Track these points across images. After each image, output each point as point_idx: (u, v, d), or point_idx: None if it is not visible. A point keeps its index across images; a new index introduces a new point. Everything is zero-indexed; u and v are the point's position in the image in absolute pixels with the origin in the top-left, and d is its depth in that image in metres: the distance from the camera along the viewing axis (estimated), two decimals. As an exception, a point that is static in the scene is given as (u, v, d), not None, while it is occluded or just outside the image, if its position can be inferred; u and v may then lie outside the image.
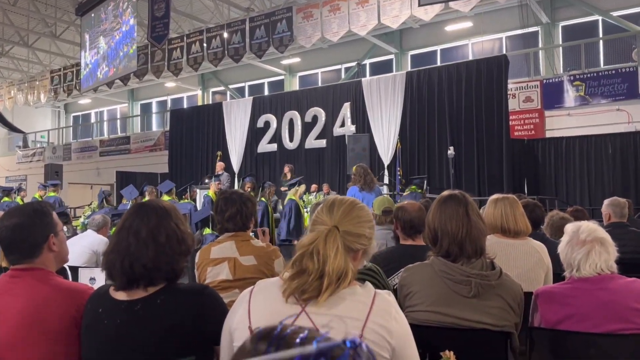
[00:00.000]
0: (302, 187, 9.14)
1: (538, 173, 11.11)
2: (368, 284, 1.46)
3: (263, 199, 8.84)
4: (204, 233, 7.27)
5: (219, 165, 12.39)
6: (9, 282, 1.76)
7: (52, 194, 11.37)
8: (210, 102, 19.28)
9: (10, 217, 1.78)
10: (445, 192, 2.18)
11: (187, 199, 10.65)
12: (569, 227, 2.15)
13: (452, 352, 1.88)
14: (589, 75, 11.90)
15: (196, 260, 2.79)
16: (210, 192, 9.31)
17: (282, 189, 10.41)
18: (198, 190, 11.01)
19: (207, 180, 12.20)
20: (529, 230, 2.93)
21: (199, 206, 9.98)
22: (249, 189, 9.15)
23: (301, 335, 0.75)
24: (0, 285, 1.78)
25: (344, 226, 1.45)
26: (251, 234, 2.92)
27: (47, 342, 1.66)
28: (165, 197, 9.51)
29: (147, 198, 9.29)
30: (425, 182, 8.85)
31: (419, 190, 9.06)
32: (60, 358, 1.63)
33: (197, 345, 1.55)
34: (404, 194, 9.21)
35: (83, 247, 4.58)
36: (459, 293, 2.00)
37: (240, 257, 2.63)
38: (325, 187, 11.80)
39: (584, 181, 11.13)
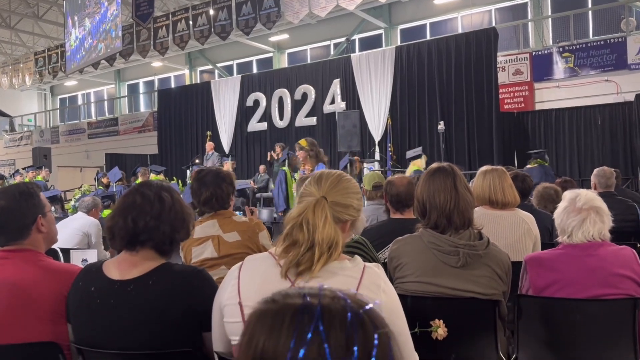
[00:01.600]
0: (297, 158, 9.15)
1: (528, 145, 11.14)
2: (357, 258, 1.48)
3: (284, 168, 8.80)
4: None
5: (209, 145, 12.34)
6: None
7: (39, 178, 11.29)
8: (199, 82, 19.06)
9: None
10: (434, 165, 2.20)
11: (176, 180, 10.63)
12: (567, 194, 2.18)
13: (441, 321, 1.91)
14: (578, 46, 11.87)
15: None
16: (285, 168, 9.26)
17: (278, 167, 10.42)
18: (187, 172, 10.94)
19: (197, 161, 12.15)
20: (517, 202, 2.96)
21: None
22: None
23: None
24: (-11, 266, 1.78)
25: (332, 197, 1.46)
26: (239, 213, 2.90)
27: (37, 323, 1.67)
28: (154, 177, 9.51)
29: (139, 180, 9.26)
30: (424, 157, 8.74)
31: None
32: (50, 338, 1.64)
33: (190, 327, 1.55)
34: (407, 173, 9.18)
35: (74, 229, 4.57)
36: (447, 263, 2.03)
37: (224, 235, 2.60)
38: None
39: (574, 152, 11.20)
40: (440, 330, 1.89)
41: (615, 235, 2.22)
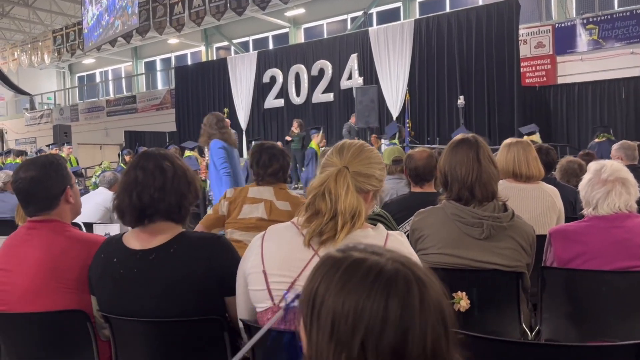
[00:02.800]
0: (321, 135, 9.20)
1: (550, 120, 10.95)
2: (380, 226, 1.47)
3: (313, 145, 8.80)
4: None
5: (227, 122, 12.31)
6: (27, 234, 1.80)
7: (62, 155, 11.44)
8: (215, 58, 19.00)
9: (27, 170, 1.80)
10: (458, 136, 2.16)
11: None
12: (592, 166, 2.13)
13: (464, 293, 1.90)
14: (602, 18, 11.51)
15: (228, 194, 2.90)
16: (314, 144, 9.32)
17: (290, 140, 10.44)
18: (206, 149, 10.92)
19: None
20: (541, 175, 2.90)
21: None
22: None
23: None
24: (19, 237, 1.82)
25: (354, 167, 1.45)
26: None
27: (64, 291, 1.70)
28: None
29: None
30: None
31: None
32: (76, 306, 1.67)
33: (212, 292, 1.57)
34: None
35: (97, 204, 4.63)
36: (470, 235, 2.00)
37: (277, 202, 2.77)
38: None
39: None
40: (462, 302, 1.88)
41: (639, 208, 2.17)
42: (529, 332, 2.05)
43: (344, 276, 0.77)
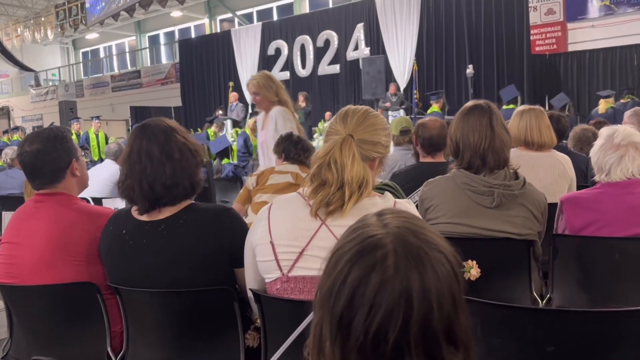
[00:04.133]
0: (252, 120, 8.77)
1: (560, 89, 10.76)
2: (387, 194, 1.45)
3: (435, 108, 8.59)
4: (223, 163, 7.34)
5: (233, 95, 12.21)
6: (34, 207, 1.79)
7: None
8: (219, 31, 18.77)
9: (32, 143, 1.78)
10: (470, 102, 2.11)
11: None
12: (604, 131, 2.08)
13: (474, 262, 1.89)
14: (615, -18, 11.21)
15: (254, 173, 3.23)
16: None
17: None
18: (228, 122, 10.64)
19: (220, 112, 12.10)
20: (554, 143, 2.86)
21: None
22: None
23: None
24: (26, 210, 1.82)
25: (358, 134, 1.42)
26: None
27: (72, 264, 1.70)
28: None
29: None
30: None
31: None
32: (85, 278, 1.68)
33: (221, 263, 1.57)
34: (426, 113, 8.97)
35: (104, 179, 4.63)
36: (481, 204, 1.97)
37: (302, 173, 2.96)
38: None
39: (608, 95, 10.79)
40: (473, 270, 1.87)
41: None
42: (539, 300, 2.03)
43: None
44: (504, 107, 7.97)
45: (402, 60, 11.98)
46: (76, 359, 1.70)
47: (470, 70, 9.59)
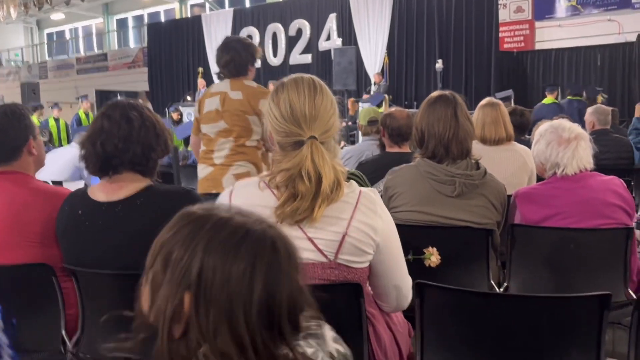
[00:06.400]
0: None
1: (526, 86, 11.02)
2: (353, 183, 1.41)
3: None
4: (189, 149, 7.20)
5: (201, 82, 12.05)
6: None
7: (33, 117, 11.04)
8: (189, 16, 18.40)
9: None
10: (435, 93, 2.13)
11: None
12: (544, 128, 2.11)
13: (434, 249, 1.92)
14: (582, -17, 11.49)
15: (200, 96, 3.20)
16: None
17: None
18: (182, 109, 10.66)
19: (188, 98, 11.92)
20: (512, 136, 2.92)
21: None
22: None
23: None
24: (-21, 189, 1.75)
25: (318, 129, 1.33)
26: None
27: (27, 245, 1.66)
28: None
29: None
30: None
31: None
32: (40, 260, 1.63)
33: None
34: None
35: (66, 160, 4.50)
36: (442, 193, 2.01)
37: (230, 92, 2.89)
38: None
39: (571, 94, 11.08)
40: (433, 257, 1.89)
41: (608, 172, 2.19)
42: (497, 288, 2.09)
43: (209, 233, 0.77)
44: (569, 97, 8.09)
45: (373, 52, 12.03)
46: (30, 342, 1.66)
47: (439, 64, 9.70)
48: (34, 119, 9.04)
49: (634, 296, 2.00)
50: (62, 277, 1.64)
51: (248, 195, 1.38)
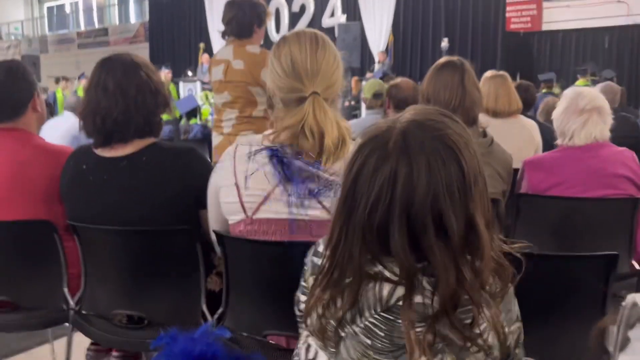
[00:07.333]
0: None
1: (532, 67, 10.90)
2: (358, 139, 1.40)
3: None
4: (191, 122, 7.17)
5: (204, 57, 11.94)
6: None
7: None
8: (192, -10, 18.18)
9: None
10: (443, 59, 2.09)
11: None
12: (569, 92, 2.10)
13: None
14: (592, -38, 11.28)
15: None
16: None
17: None
18: (181, 83, 10.59)
19: (190, 74, 11.83)
20: (519, 108, 2.89)
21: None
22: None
23: None
24: (-18, 146, 1.73)
25: (321, 85, 1.30)
26: None
27: (31, 202, 1.65)
28: None
29: None
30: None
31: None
32: (43, 216, 1.62)
33: (185, 204, 1.53)
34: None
35: (63, 131, 4.47)
36: (448, 161, 1.98)
37: (233, 61, 2.79)
38: None
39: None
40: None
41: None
42: (500, 257, 2.07)
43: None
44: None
45: (378, 30, 11.88)
46: (32, 299, 1.66)
47: (445, 43, 9.60)
48: (58, 92, 9.06)
49: (638, 267, 1.99)
50: (65, 236, 1.63)
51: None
